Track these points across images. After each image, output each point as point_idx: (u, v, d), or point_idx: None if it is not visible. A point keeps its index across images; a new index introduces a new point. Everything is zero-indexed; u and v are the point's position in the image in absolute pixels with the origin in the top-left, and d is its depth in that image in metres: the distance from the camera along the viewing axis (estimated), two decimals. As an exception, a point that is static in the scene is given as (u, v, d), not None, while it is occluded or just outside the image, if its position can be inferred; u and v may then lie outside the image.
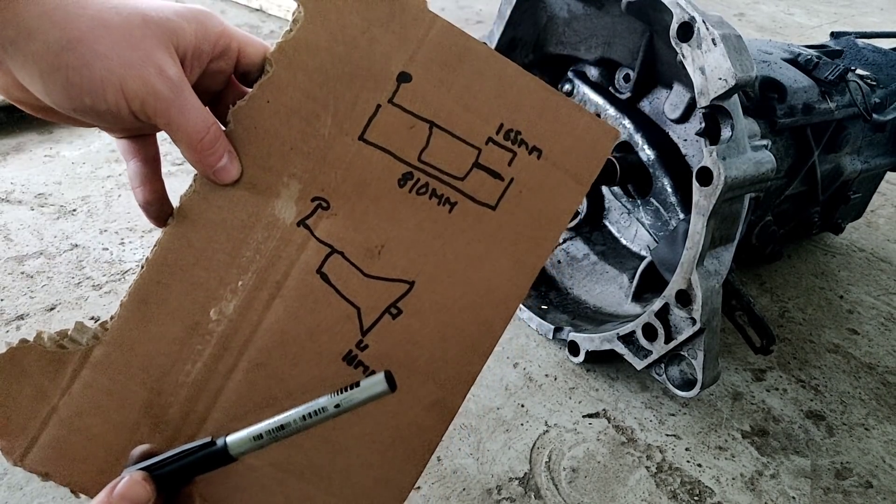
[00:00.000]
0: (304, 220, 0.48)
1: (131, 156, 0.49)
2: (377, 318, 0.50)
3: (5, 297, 1.05)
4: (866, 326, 1.21)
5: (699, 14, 0.71)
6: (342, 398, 0.41)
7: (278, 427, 0.41)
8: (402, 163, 0.49)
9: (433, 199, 0.50)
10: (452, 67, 0.50)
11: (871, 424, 0.99)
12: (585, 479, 0.85)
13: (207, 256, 0.47)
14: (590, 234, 1.16)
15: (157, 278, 0.47)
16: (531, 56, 1.08)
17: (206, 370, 0.48)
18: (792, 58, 1.10)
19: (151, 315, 0.47)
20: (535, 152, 0.51)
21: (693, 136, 0.94)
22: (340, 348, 0.50)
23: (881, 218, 1.60)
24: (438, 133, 0.50)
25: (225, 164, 0.45)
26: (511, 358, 1.05)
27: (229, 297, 0.48)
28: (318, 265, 0.49)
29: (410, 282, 0.51)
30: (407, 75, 0.49)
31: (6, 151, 1.43)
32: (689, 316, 0.82)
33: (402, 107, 0.49)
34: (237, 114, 0.46)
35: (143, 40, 0.40)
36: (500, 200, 0.51)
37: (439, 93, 0.49)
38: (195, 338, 0.48)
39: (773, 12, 3.37)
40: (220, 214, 0.47)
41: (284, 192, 0.48)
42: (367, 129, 0.49)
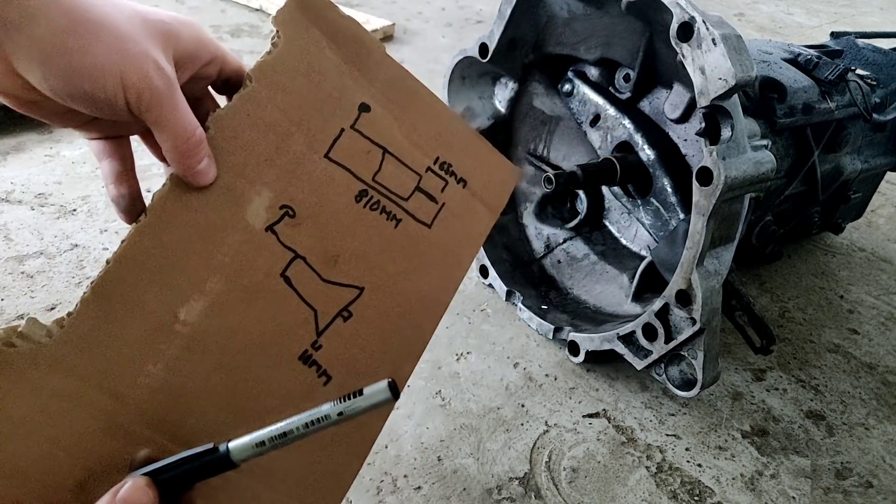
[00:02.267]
0: (272, 226, 0.51)
1: (106, 155, 0.51)
2: (331, 320, 0.54)
3: (5, 297, 1.05)
4: (866, 326, 1.21)
5: (699, 14, 0.71)
6: (345, 406, 0.41)
7: (281, 434, 0.41)
8: (359, 181, 0.55)
9: (383, 215, 0.57)
10: (404, 105, 0.58)
11: (871, 424, 0.99)
12: (585, 479, 0.85)
13: (178, 256, 0.47)
14: (590, 233, 1.16)
15: (123, 276, 0.45)
16: (531, 56, 1.08)
17: (168, 372, 0.47)
18: (792, 58, 1.10)
19: (114, 313, 0.45)
20: (461, 182, 0.61)
21: (693, 136, 0.94)
22: (298, 348, 0.53)
23: (881, 218, 1.60)
24: (389, 158, 0.57)
25: (204, 166, 0.47)
26: (511, 358, 1.05)
27: (197, 298, 0.48)
28: (282, 269, 0.52)
29: (361, 287, 0.56)
30: (367, 106, 0.55)
31: (6, 151, 1.43)
32: (689, 316, 0.82)
33: (361, 132, 0.55)
34: (218, 121, 0.48)
35: (143, 37, 0.42)
36: (435, 220, 0.60)
37: (392, 125, 0.57)
38: (159, 338, 0.47)
39: (772, 12, 3.36)
40: (193, 216, 0.48)
41: (256, 199, 0.50)
42: (332, 149, 0.54)
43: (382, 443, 0.87)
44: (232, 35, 2.20)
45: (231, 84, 0.51)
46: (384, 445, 0.86)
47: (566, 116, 1.12)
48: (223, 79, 0.51)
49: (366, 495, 0.80)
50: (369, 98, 0.55)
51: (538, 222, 1.21)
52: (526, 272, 1.19)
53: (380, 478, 0.82)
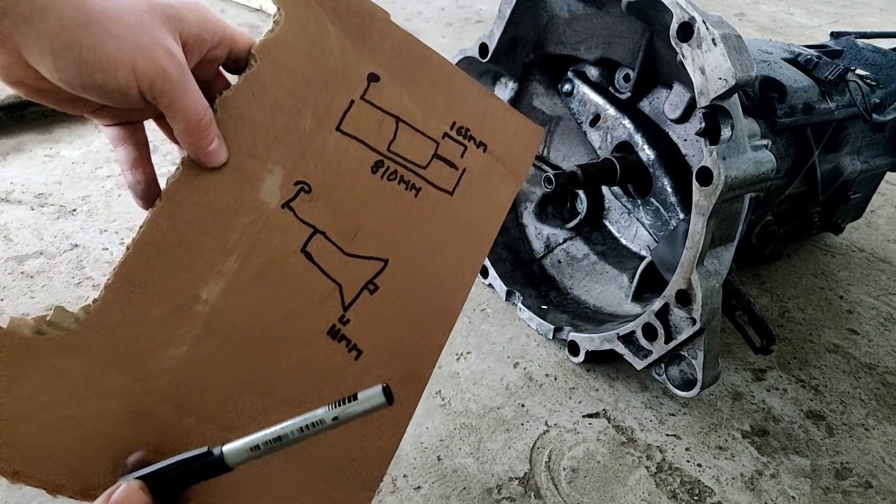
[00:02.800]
0: (288, 203, 0.51)
1: (121, 142, 0.51)
2: (357, 294, 0.53)
3: (5, 297, 1.05)
4: (866, 326, 1.21)
5: (699, 14, 0.71)
6: (339, 411, 0.41)
7: (275, 438, 0.41)
8: (374, 152, 0.54)
9: (401, 185, 0.55)
10: (413, 72, 0.56)
11: (870, 424, 0.99)
12: (585, 478, 0.85)
13: (193, 238, 0.48)
14: (590, 233, 1.16)
15: (143, 259, 0.46)
16: (531, 56, 1.08)
17: (190, 354, 0.47)
18: (792, 58, 1.10)
19: (136, 297, 0.46)
20: (481, 146, 0.59)
21: (693, 135, 0.94)
22: (324, 324, 0.52)
23: (881, 218, 1.60)
24: (404, 127, 0.56)
25: (215, 147, 0.47)
26: (511, 358, 1.05)
27: (216, 279, 0.48)
28: (301, 245, 0.51)
29: (385, 259, 0.55)
30: (376, 76, 0.54)
31: (6, 151, 1.43)
32: (689, 316, 0.82)
33: (372, 103, 0.54)
34: (224, 103, 0.48)
35: (152, 25, 0.42)
36: (456, 187, 0.58)
37: (403, 93, 0.56)
38: (181, 320, 0.47)
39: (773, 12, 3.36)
40: (206, 197, 0.48)
41: (269, 177, 0.50)
42: (343, 122, 0.53)
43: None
44: (232, 35, 2.20)
45: (242, 64, 0.51)
46: (384, 445, 0.86)
47: (566, 116, 1.12)
48: (233, 59, 0.51)
49: (366, 495, 0.80)
50: (377, 67, 0.54)
51: (538, 222, 1.21)
52: (526, 272, 1.19)
53: (380, 478, 0.82)
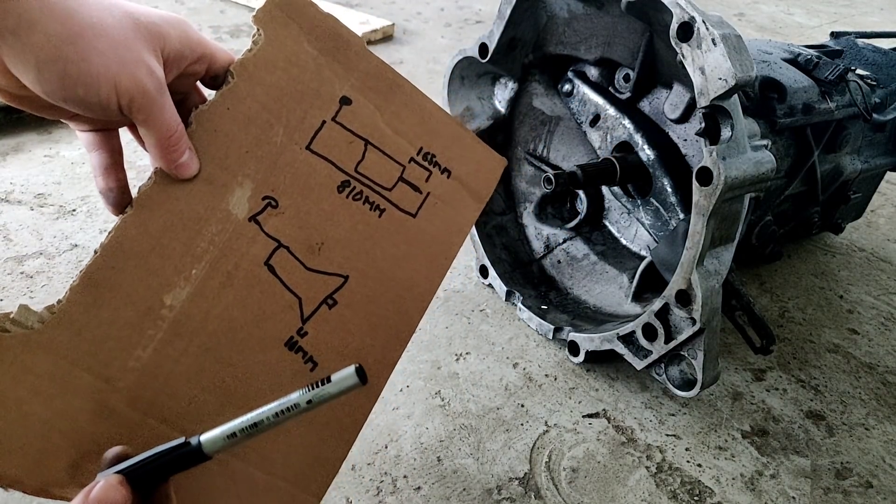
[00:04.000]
0: (255, 216, 0.53)
1: (95, 147, 0.52)
2: (316, 308, 0.56)
3: (5, 298, 1.05)
4: (866, 326, 1.21)
5: (699, 14, 0.71)
6: (314, 394, 0.41)
7: (252, 425, 0.42)
8: (341, 172, 0.57)
9: (366, 205, 0.58)
10: (385, 97, 0.59)
11: (871, 424, 0.99)
12: (585, 479, 0.85)
13: (163, 244, 0.49)
14: (590, 233, 1.16)
15: (112, 263, 0.47)
16: (531, 56, 1.08)
17: (156, 355, 0.49)
18: (792, 58, 1.10)
19: (103, 299, 0.47)
20: (445, 172, 0.62)
21: (693, 136, 0.94)
22: (283, 335, 0.54)
23: (881, 218, 1.60)
24: (372, 150, 0.58)
25: (186, 159, 0.49)
26: (511, 358, 1.05)
27: (182, 285, 0.50)
28: (265, 258, 0.53)
29: (345, 276, 0.57)
30: (348, 99, 0.57)
31: (6, 151, 1.43)
32: (688, 316, 0.82)
33: (342, 125, 0.57)
34: (199, 116, 0.50)
35: (135, 42, 0.44)
36: (419, 210, 0.61)
37: (374, 117, 0.58)
38: (147, 323, 0.48)
39: (772, 12, 3.36)
40: (177, 206, 0.50)
41: (238, 190, 0.52)
42: (313, 141, 0.55)
43: (382, 443, 0.87)
44: (231, 35, 2.20)
45: (220, 80, 0.53)
46: (384, 446, 0.86)
47: (566, 116, 1.12)
48: (212, 75, 0.53)
49: (366, 495, 0.80)
50: (350, 90, 0.57)
51: (538, 222, 1.21)
52: (526, 272, 1.19)
53: (380, 478, 0.82)
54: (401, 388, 0.96)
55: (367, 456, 0.84)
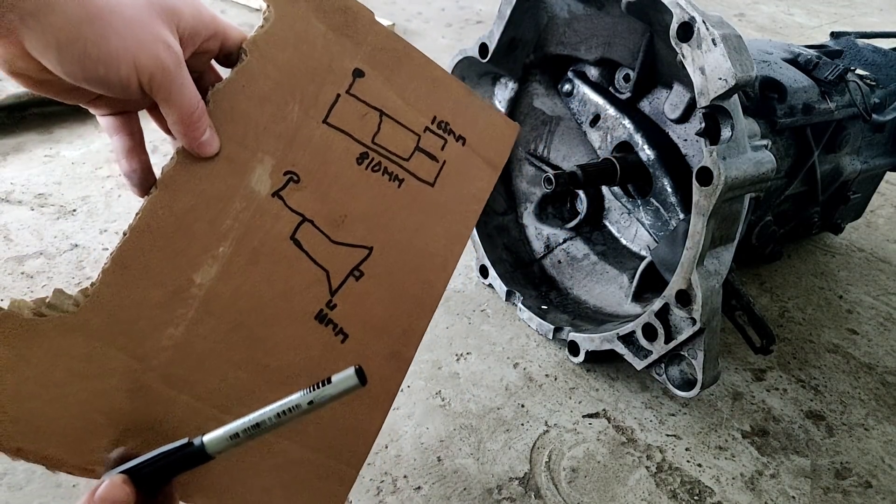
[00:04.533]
0: (278, 192, 0.53)
1: (116, 131, 0.53)
2: (343, 280, 0.56)
3: (5, 298, 1.05)
4: (866, 326, 1.21)
5: (699, 14, 0.71)
6: (315, 395, 0.42)
7: (254, 425, 0.42)
8: (359, 144, 0.57)
9: (385, 176, 0.58)
10: (396, 68, 0.59)
11: (870, 424, 0.99)
12: (585, 478, 0.85)
13: (188, 224, 0.50)
14: (590, 234, 1.16)
15: (140, 244, 0.48)
16: (531, 56, 1.08)
17: (187, 333, 0.50)
18: (792, 58, 1.10)
19: (133, 280, 0.48)
20: (460, 140, 0.62)
21: (693, 136, 0.94)
22: (313, 308, 0.55)
23: (881, 218, 1.60)
24: (387, 120, 0.58)
25: (208, 137, 0.49)
26: (511, 358, 1.05)
27: (210, 263, 0.50)
28: (291, 232, 0.54)
29: (370, 247, 0.58)
30: (361, 71, 0.57)
31: (6, 151, 1.43)
32: (689, 316, 0.82)
33: (357, 97, 0.57)
34: (216, 95, 0.51)
35: (151, 19, 0.45)
36: (437, 179, 0.61)
37: (386, 87, 0.58)
38: (177, 302, 0.49)
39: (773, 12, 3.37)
40: (200, 185, 0.50)
41: (259, 167, 0.53)
42: (329, 115, 0.56)
43: (382, 443, 0.87)
44: (232, 35, 2.20)
45: (233, 58, 0.53)
46: (384, 446, 0.86)
47: (566, 116, 1.12)
48: (225, 53, 0.53)
49: (366, 495, 0.80)
50: (361, 63, 0.57)
51: (538, 222, 1.21)
52: (526, 272, 1.20)
53: (380, 478, 0.82)
54: (401, 388, 0.96)
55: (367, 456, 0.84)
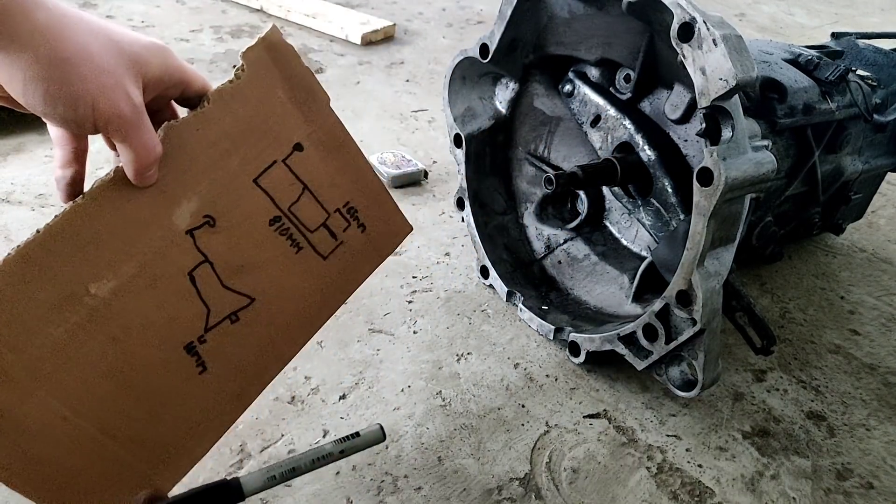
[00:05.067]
0: (192, 230, 0.58)
1: (62, 144, 0.56)
2: (220, 321, 0.62)
3: (6, 298, 1.05)
4: (867, 327, 1.21)
5: (700, 14, 0.71)
6: (345, 445, 0.53)
7: (290, 469, 0.50)
8: (277, 207, 0.63)
9: (288, 241, 0.65)
10: (332, 152, 0.66)
11: (872, 425, 0.99)
12: (586, 479, 0.85)
13: (102, 238, 0.53)
14: (590, 234, 1.16)
15: (49, 245, 0.51)
16: (531, 56, 1.08)
17: (67, 336, 0.53)
18: (792, 58, 1.10)
19: (31, 276, 0.51)
20: (361, 227, 0.71)
21: (694, 136, 0.94)
22: (185, 338, 0.60)
23: (882, 219, 1.60)
24: (307, 194, 0.65)
25: (152, 173, 0.53)
26: (512, 359, 1.05)
27: (110, 278, 0.54)
28: (191, 268, 0.59)
29: (253, 298, 0.64)
30: (301, 146, 0.64)
31: (6, 152, 1.43)
32: (689, 317, 0.82)
33: (290, 167, 0.63)
34: (169, 130, 0.55)
35: (116, 68, 0.48)
36: (330, 254, 0.69)
37: (318, 166, 0.65)
38: (67, 306, 0.52)
39: (773, 12, 3.36)
40: (127, 206, 0.54)
41: (185, 203, 0.57)
42: (261, 176, 0.61)
43: (383, 443, 0.87)
44: (232, 36, 2.20)
45: (192, 101, 0.57)
46: (385, 446, 0.86)
47: (567, 117, 1.12)
48: (185, 97, 0.57)
49: (366, 495, 0.80)
50: (305, 139, 0.64)
51: (539, 223, 1.21)
52: (526, 273, 1.19)
53: (380, 478, 0.82)
54: (402, 389, 0.96)
55: (367, 456, 0.84)
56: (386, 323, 1.08)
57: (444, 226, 1.37)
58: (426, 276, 1.21)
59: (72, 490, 0.55)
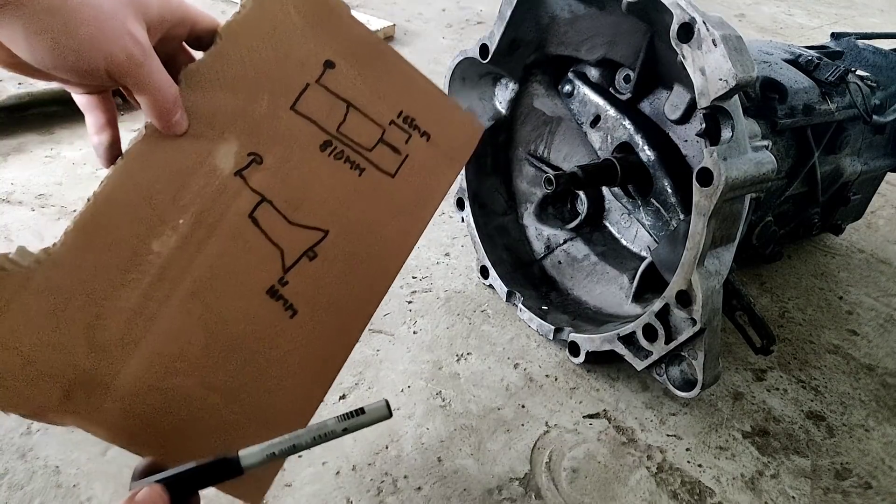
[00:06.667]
0: (240, 171, 0.56)
1: (92, 109, 0.55)
2: (297, 259, 0.59)
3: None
4: (866, 328, 1.21)
5: (699, 15, 0.71)
6: (349, 423, 0.48)
7: (291, 446, 0.47)
8: (324, 132, 0.59)
9: (347, 164, 0.60)
10: (368, 62, 0.61)
11: (870, 425, 0.99)
12: (586, 479, 0.85)
13: (151, 195, 0.52)
14: (590, 234, 1.16)
15: (103, 210, 0.50)
16: (532, 56, 1.08)
17: (143, 297, 0.52)
18: (792, 59, 1.10)
19: (94, 244, 0.50)
20: (425, 136, 0.64)
21: (693, 136, 0.94)
22: (265, 283, 0.57)
23: (881, 219, 1.60)
24: (353, 112, 0.60)
25: (178, 118, 0.52)
26: (512, 359, 1.05)
27: (169, 234, 0.53)
28: (249, 210, 0.56)
29: (326, 231, 0.60)
30: (332, 63, 0.59)
31: (7, 152, 1.43)
32: (689, 316, 0.82)
33: (326, 87, 0.59)
34: (188, 75, 0.53)
35: (118, 10, 0.46)
36: (398, 171, 0.63)
37: (356, 80, 0.60)
38: (135, 267, 0.52)
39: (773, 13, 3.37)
40: (166, 159, 0.53)
41: (225, 145, 0.55)
42: (298, 102, 0.58)
43: (383, 443, 0.87)
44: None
45: (204, 41, 0.55)
46: (385, 446, 0.86)
47: (567, 117, 1.12)
48: (195, 36, 0.55)
49: (366, 495, 0.80)
50: (334, 55, 0.59)
51: (538, 223, 1.21)
52: (526, 273, 1.20)
53: (380, 478, 0.82)
54: (402, 389, 0.96)
55: (367, 456, 0.85)
56: (386, 323, 1.09)
57: (443, 226, 1.37)
58: (426, 277, 1.21)
59: (179, 445, 0.55)
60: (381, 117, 0.62)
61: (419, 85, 0.64)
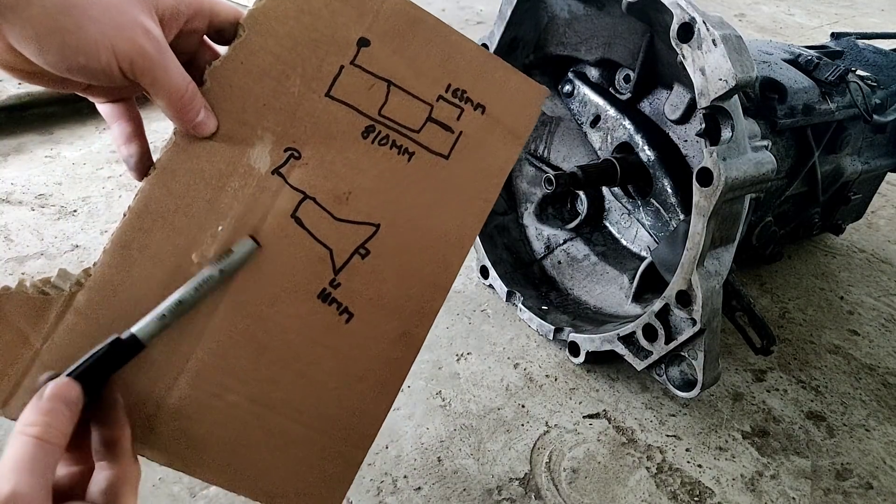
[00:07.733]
0: (278, 169, 0.52)
1: (116, 118, 0.53)
2: (348, 259, 0.55)
3: (6, 298, 1.05)
4: (867, 328, 1.21)
5: (699, 15, 0.71)
6: (223, 264, 0.48)
7: (177, 302, 0.47)
8: (364, 117, 0.54)
9: (393, 150, 0.55)
10: (405, 35, 0.55)
11: (871, 426, 0.99)
12: (586, 479, 0.85)
13: (187, 203, 0.50)
14: (590, 234, 1.16)
15: (139, 225, 0.49)
16: (532, 57, 1.08)
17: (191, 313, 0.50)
18: (792, 58, 1.10)
19: (133, 260, 0.49)
20: (479, 108, 0.58)
21: (693, 136, 0.94)
22: (315, 287, 0.54)
23: (881, 219, 1.60)
24: (395, 91, 0.55)
25: (202, 118, 0.49)
26: (512, 359, 1.05)
27: (209, 242, 0.51)
28: (292, 210, 0.53)
29: (376, 224, 0.55)
30: (366, 40, 0.54)
31: (7, 152, 1.43)
32: (689, 317, 0.82)
33: (362, 67, 0.54)
34: (213, 73, 0.50)
35: (128, 5, 0.44)
36: (452, 151, 0.57)
37: (395, 56, 0.55)
38: (177, 281, 0.49)
39: (773, 13, 3.37)
40: (198, 164, 0.50)
41: (259, 143, 0.52)
42: (333, 87, 0.53)
43: (383, 443, 0.87)
44: (232, 36, 2.20)
45: (226, 34, 0.52)
46: (384, 446, 0.86)
47: (566, 117, 1.12)
48: (216, 29, 0.52)
49: (366, 496, 0.80)
50: (366, 32, 0.54)
51: (539, 223, 1.21)
52: (526, 273, 1.19)
53: (380, 478, 0.82)
54: (401, 389, 0.96)
55: (367, 456, 0.84)
56: (386, 323, 1.09)
57: (443, 226, 1.37)
58: (426, 277, 1.21)
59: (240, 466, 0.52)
60: (426, 93, 0.56)
61: (466, 52, 0.57)
